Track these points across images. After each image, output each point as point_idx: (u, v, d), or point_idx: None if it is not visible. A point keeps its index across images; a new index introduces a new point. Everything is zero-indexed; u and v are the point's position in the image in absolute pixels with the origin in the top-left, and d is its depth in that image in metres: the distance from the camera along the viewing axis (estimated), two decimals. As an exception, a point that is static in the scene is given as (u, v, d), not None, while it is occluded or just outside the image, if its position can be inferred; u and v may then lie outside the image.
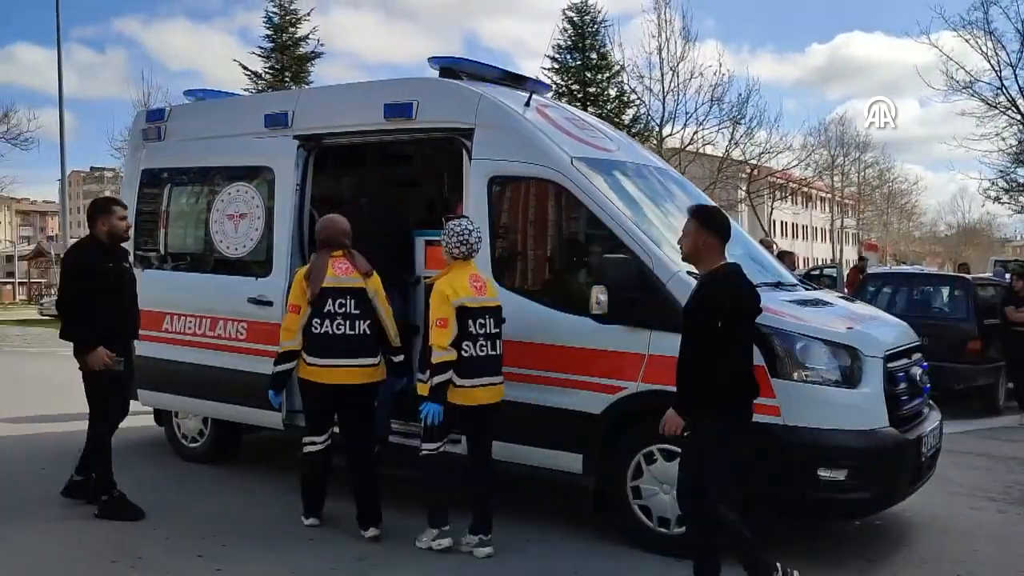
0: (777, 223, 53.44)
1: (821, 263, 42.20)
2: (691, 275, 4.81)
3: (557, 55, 28.71)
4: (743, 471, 4.58)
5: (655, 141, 26.23)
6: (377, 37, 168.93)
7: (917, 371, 5.16)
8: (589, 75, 28.41)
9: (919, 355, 5.39)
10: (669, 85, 27.16)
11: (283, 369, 5.19)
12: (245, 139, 6.53)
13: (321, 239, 5.30)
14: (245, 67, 29.19)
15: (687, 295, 4.24)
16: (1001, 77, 22.05)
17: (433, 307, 4.74)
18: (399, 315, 5.68)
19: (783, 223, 59.12)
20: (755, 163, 31.72)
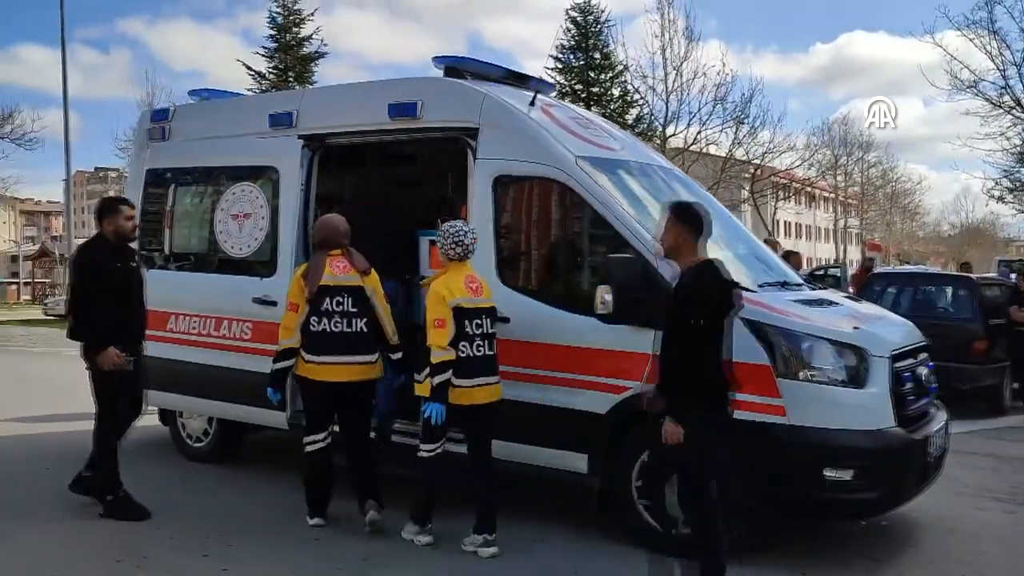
0: (780, 223, 53.39)
1: (825, 263, 42.12)
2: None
3: (560, 55, 28.82)
4: (748, 471, 4.61)
5: (658, 141, 26.24)
6: (381, 37, 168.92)
7: (924, 371, 5.14)
8: (592, 75, 28.46)
9: (925, 355, 5.37)
10: (672, 85, 27.23)
11: (281, 367, 5.24)
12: (250, 139, 6.53)
13: (319, 240, 5.32)
14: (249, 67, 29.36)
15: None
16: (1005, 76, 22.07)
17: (430, 308, 4.77)
18: (403, 316, 5.68)
19: (786, 223, 59.05)
20: (758, 163, 31.70)
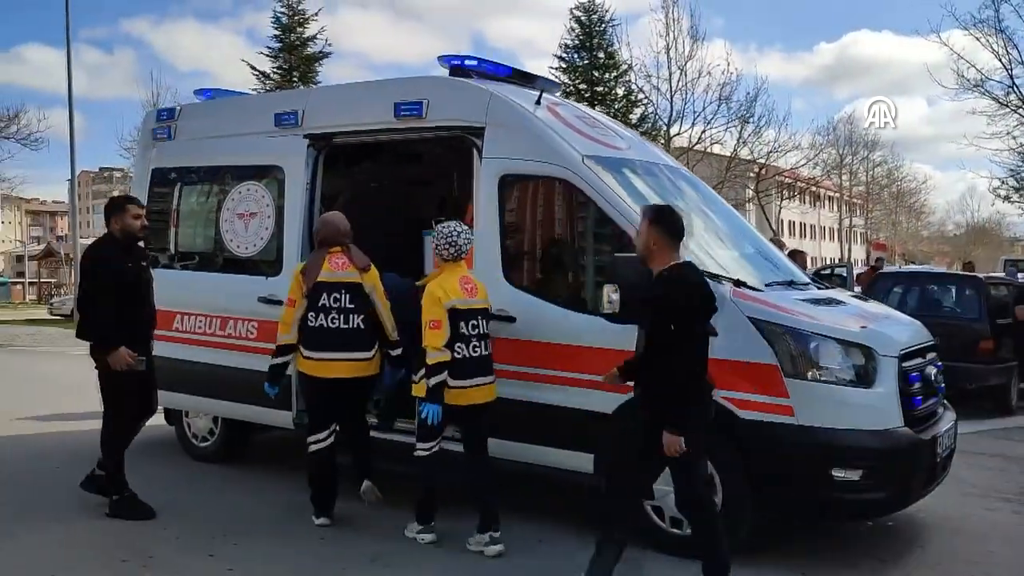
0: (785, 222, 53.28)
1: (830, 262, 42.01)
2: (704, 273, 4.79)
3: (564, 54, 28.77)
4: (754, 471, 4.59)
5: (663, 140, 26.20)
6: (385, 37, 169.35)
7: (932, 370, 5.11)
8: (597, 74, 28.40)
9: (933, 354, 5.35)
10: (677, 84, 27.23)
11: (279, 362, 5.29)
12: (255, 138, 6.52)
13: (320, 238, 5.35)
14: (253, 67, 29.32)
15: None
16: (1012, 75, 21.97)
17: (425, 309, 4.78)
18: (407, 316, 5.67)
19: (791, 222, 58.93)
20: (763, 162, 31.67)
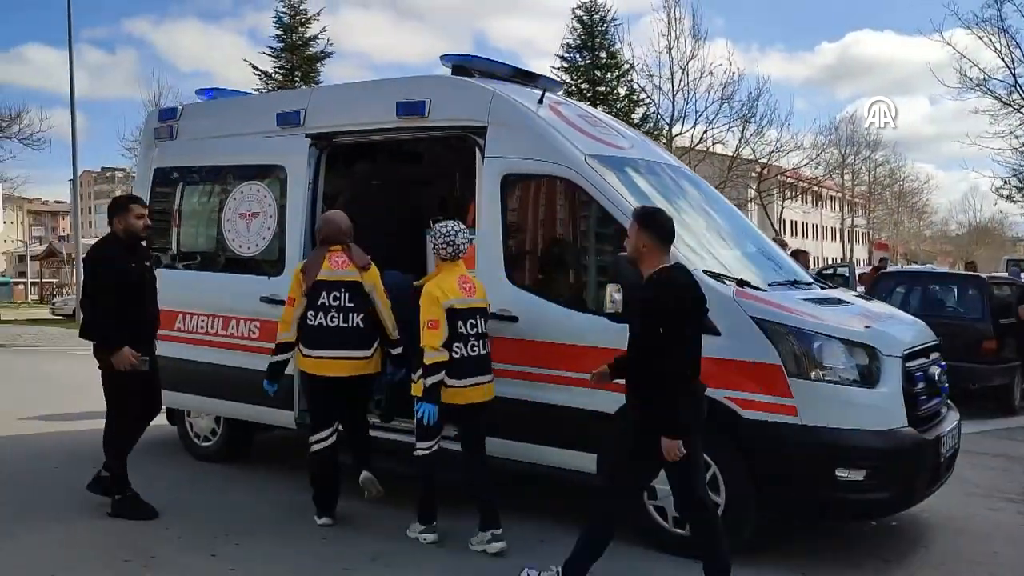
0: (787, 222, 53.23)
1: (833, 262, 42.00)
2: (707, 273, 4.79)
3: (566, 54, 28.80)
4: (758, 471, 4.58)
5: (665, 140, 26.19)
6: (386, 37, 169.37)
7: (936, 370, 5.10)
8: (599, 74, 28.43)
9: (937, 354, 5.34)
10: (679, 84, 27.20)
11: (278, 359, 5.30)
12: (257, 138, 6.51)
13: (321, 237, 5.36)
14: (255, 67, 29.38)
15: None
16: (1015, 74, 21.90)
17: (423, 309, 4.78)
18: (408, 315, 5.66)
19: (793, 222, 58.89)
20: (765, 162, 31.65)
